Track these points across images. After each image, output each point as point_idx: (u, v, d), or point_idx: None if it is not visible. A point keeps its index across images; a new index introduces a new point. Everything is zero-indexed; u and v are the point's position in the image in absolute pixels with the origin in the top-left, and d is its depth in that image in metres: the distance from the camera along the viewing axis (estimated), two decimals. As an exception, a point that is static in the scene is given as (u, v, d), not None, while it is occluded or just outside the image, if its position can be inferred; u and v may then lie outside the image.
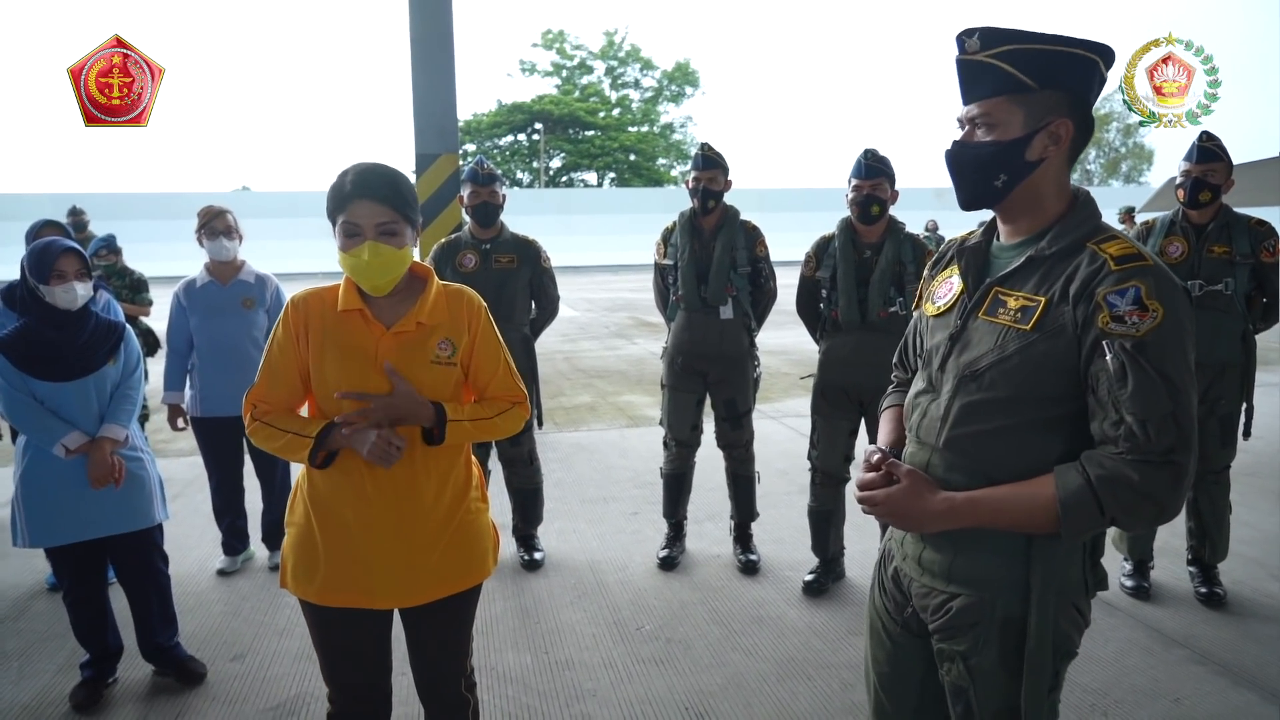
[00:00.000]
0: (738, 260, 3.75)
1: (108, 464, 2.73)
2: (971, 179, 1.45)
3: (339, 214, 1.80)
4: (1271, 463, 5.27)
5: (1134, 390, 1.28)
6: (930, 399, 1.52)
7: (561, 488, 5.11)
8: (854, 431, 3.61)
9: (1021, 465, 1.39)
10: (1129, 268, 1.32)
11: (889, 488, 1.47)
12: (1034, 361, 1.37)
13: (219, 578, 3.88)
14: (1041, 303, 1.37)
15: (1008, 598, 1.42)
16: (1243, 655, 3.06)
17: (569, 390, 8.55)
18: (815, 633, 3.30)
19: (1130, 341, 1.28)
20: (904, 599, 1.59)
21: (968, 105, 1.44)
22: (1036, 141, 1.39)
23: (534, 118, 42.29)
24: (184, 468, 5.57)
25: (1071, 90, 1.39)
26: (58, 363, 2.72)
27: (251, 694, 2.91)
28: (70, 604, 2.86)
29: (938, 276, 1.62)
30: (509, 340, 3.82)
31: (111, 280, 5.52)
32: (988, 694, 1.45)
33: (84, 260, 2.76)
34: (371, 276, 1.79)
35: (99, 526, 2.78)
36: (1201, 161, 3.37)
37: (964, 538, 1.45)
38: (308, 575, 1.86)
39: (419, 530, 1.85)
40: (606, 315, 16.06)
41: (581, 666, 3.07)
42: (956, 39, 1.43)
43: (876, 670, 1.68)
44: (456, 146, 6.43)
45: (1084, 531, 1.34)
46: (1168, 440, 1.27)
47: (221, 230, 3.81)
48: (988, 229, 1.57)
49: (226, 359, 3.80)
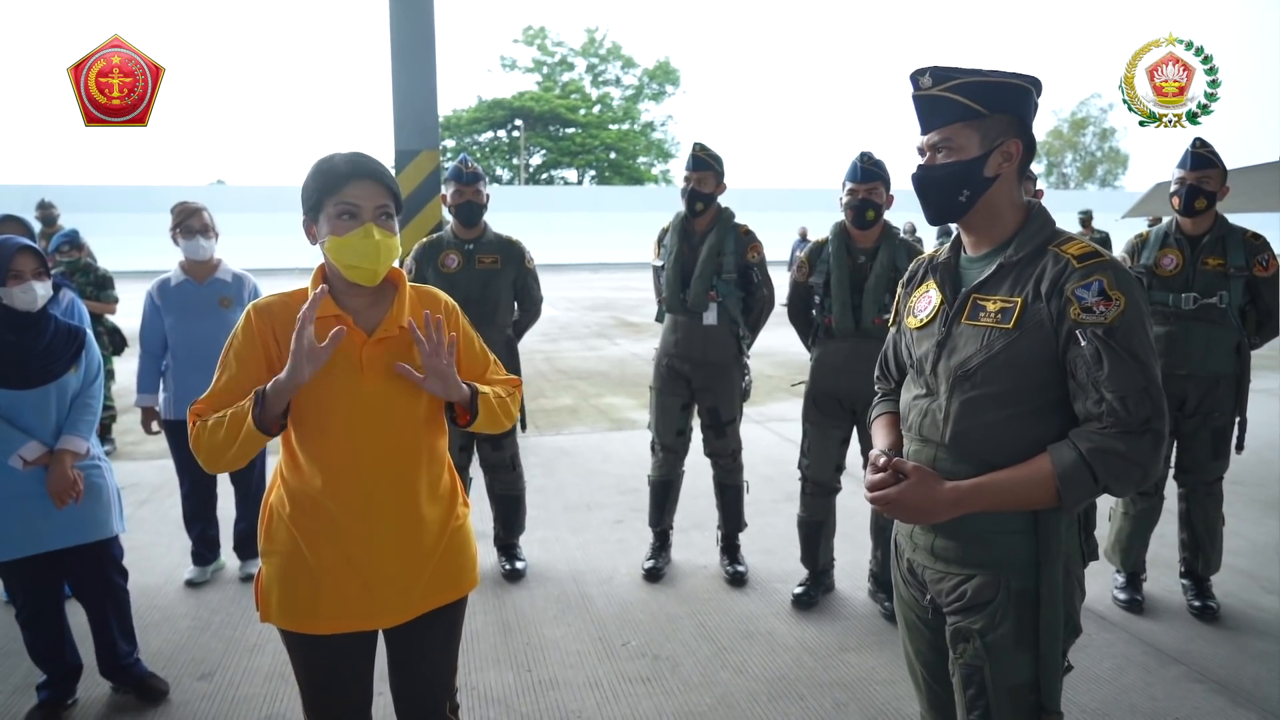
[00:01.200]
0: (724, 265, 3.64)
1: (68, 479, 2.58)
2: (938, 197, 1.62)
3: (330, 196, 1.66)
4: (1260, 472, 5.25)
5: (1110, 371, 1.44)
6: (929, 400, 1.64)
7: (543, 494, 4.99)
8: (846, 440, 3.52)
9: (1021, 450, 1.52)
10: (1090, 264, 1.49)
11: (898, 485, 1.57)
12: (1019, 356, 1.51)
13: (187, 589, 3.73)
14: (1019, 303, 1.53)
15: (1020, 572, 1.54)
16: (1240, 673, 3.01)
17: (550, 392, 8.43)
18: (806, 649, 3.21)
19: (1101, 328, 1.45)
20: (922, 589, 1.70)
21: (927, 134, 1.61)
22: (992, 160, 1.57)
23: (514, 114, 42.10)
24: (153, 471, 5.39)
25: (1015, 114, 1.57)
26: (18, 369, 2.56)
27: (220, 715, 2.77)
28: (24, 622, 2.70)
29: (914, 293, 1.76)
30: (492, 341, 3.73)
31: (75, 277, 5.35)
32: (1002, 670, 1.55)
33: (41, 258, 2.62)
34: (374, 261, 1.66)
35: (53, 539, 2.62)
36: (1196, 168, 3.32)
37: (973, 522, 1.56)
38: (298, 604, 1.72)
39: (416, 540, 1.75)
40: (587, 314, 15.95)
41: (566, 685, 2.96)
42: (910, 78, 1.60)
43: (921, 661, 1.76)
44: (437, 143, 6.28)
45: (1081, 501, 1.47)
46: (1145, 411, 1.43)
47: (198, 229, 3.66)
48: (954, 245, 1.72)
49: (201, 360, 3.62)
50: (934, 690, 1.75)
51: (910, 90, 1.61)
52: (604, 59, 45.58)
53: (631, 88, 46.57)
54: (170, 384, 3.70)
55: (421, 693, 1.88)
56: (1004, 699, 1.54)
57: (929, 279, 1.72)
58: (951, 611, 1.61)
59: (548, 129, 42.98)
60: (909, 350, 1.73)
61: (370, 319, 1.74)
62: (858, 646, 3.22)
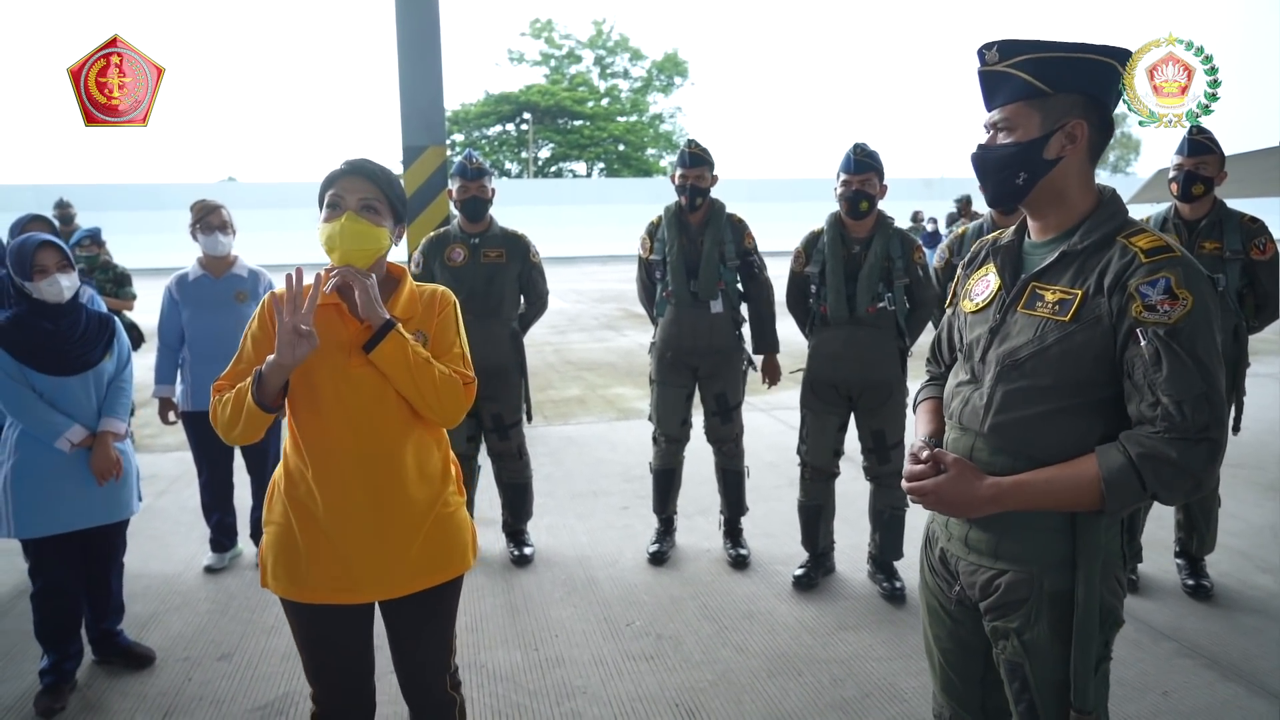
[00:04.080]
0: (726, 254, 3.75)
1: (111, 457, 2.82)
2: (995, 178, 1.55)
3: (326, 189, 1.85)
4: (1259, 454, 5.30)
5: (1169, 373, 1.37)
6: (973, 388, 1.60)
7: (551, 482, 5.10)
8: (843, 426, 3.61)
9: (1062, 447, 1.47)
10: (1159, 259, 1.41)
11: (937, 477, 1.53)
12: (1073, 350, 1.45)
13: (206, 575, 3.85)
14: (1078, 295, 1.46)
15: (1055, 572, 1.50)
16: (1230, 648, 3.08)
17: (558, 383, 8.53)
18: (805, 628, 3.30)
19: (1163, 329, 1.37)
20: (952, 579, 1.66)
21: (990, 111, 1.54)
22: (1053, 141, 1.48)
23: (522, 108, 42.11)
24: (171, 463, 5.52)
25: (1086, 93, 1.49)
26: (60, 357, 2.77)
27: (239, 693, 2.89)
28: (43, 601, 2.84)
29: (973, 275, 1.70)
30: (498, 334, 3.86)
31: (95, 274, 5.47)
32: (1043, 667, 1.52)
33: (64, 252, 2.78)
34: (343, 242, 1.79)
35: (89, 517, 2.83)
36: (1193, 154, 3.37)
37: (1010, 516, 1.51)
38: (288, 573, 1.85)
39: (397, 521, 1.85)
40: (596, 306, 16.03)
41: (571, 663, 3.06)
42: (977, 52, 1.53)
43: (940, 647, 1.75)
44: (444, 138, 6.37)
45: (1126, 507, 1.42)
46: (1203, 418, 1.36)
47: (217, 225, 3.81)
48: (1019, 228, 1.65)
49: (218, 352, 3.73)
50: (948, 676, 1.74)
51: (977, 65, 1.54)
52: (611, 51, 45.54)
53: (640, 80, 46.53)
54: (187, 376, 3.82)
55: (415, 671, 2.00)
56: (1048, 693, 1.53)
57: (989, 262, 1.65)
58: (987, 608, 1.58)
59: (556, 122, 43.00)
60: (960, 334, 1.69)
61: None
62: (856, 625, 3.31)
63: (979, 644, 1.66)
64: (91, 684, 2.95)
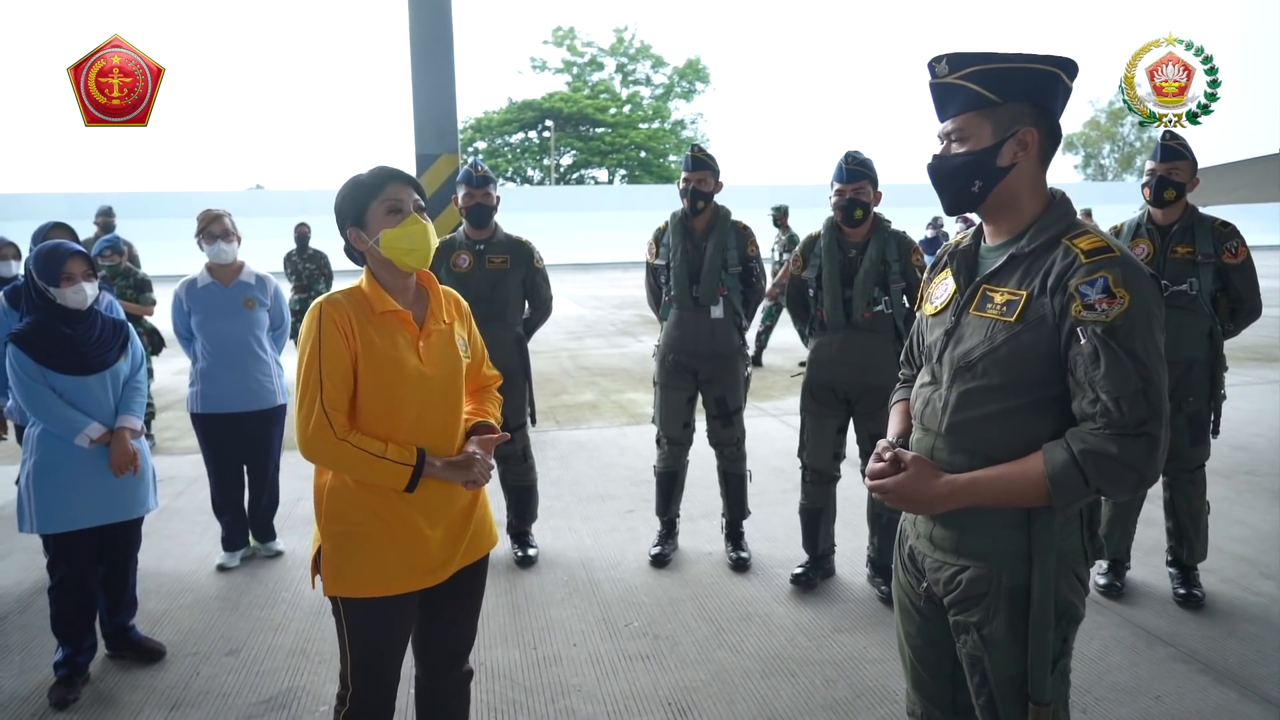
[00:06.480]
0: (729, 260, 3.80)
1: (129, 452, 2.95)
2: (951, 187, 1.60)
3: (374, 199, 1.89)
4: (1268, 460, 5.25)
5: (1106, 370, 1.41)
6: (932, 389, 1.65)
7: (559, 485, 5.16)
8: (843, 429, 3.64)
9: (1017, 445, 1.51)
10: (1098, 260, 1.45)
11: (897, 475, 1.59)
12: (1020, 350, 1.50)
13: (218, 573, 3.95)
14: (1024, 296, 1.51)
15: (1012, 567, 1.54)
16: (1226, 653, 3.07)
17: (572, 388, 8.60)
18: (802, 630, 3.33)
19: (1101, 327, 1.42)
20: (920, 575, 1.71)
21: (943, 122, 1.59)
22: (1005, 149, 1.53)
23: (545, 115, 42.35)
24: (189, 465, 5.64)
25: (1034, 101, 1.53)
26: (79, 358, 2.90)
27: (245, 687, 2.97)
28: (61, 595, 2.94)
29: (934, 279, 1.76)
30: (502, 338, 3.93)
31: (116, 281, 5.62)
32: (1001, 661, 1.56)
33: (89, 261, 2.93)
34: (426, 243, 1.90)
35: (108, 513, 2.96)
36: (1165, 160, 3.40)
37: (970, 513, 1.57)
38: (370, 570, 1.88)
39: (464, 501, 2.01)
40: (614, 312, 16.10)
41: (568, 662, 3.12)
42: (928, 65, 1.58)
43: (910, 644, 1.79)
44: (456, 147, 6.47)
45: (1072, 502, 1.46)
46: (1140, 414, 1.40)
47: (219, 234, 3.90)
48: (976, 233, 1.70)
49: (229, 357, 3.90)
50: (917, 671, 1.78)
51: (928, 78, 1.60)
52: (633, 58, 45.67)
53: (661, 86, 46.61)
54: (199, 379, 3.92)
55: (455, 640, 2.12)
56: (1005, 687, 1.57)
57: (948, 266, 1.71)
58: (950, 603, 1.63)
59: (578, 129, 43.20)
60: (922, 337, 1.75)
61: (417, 315, 1.97)
62: (851, 628, 3.34)
63: (947, 640, 1.69)
64: (104, 677, 3.05)
